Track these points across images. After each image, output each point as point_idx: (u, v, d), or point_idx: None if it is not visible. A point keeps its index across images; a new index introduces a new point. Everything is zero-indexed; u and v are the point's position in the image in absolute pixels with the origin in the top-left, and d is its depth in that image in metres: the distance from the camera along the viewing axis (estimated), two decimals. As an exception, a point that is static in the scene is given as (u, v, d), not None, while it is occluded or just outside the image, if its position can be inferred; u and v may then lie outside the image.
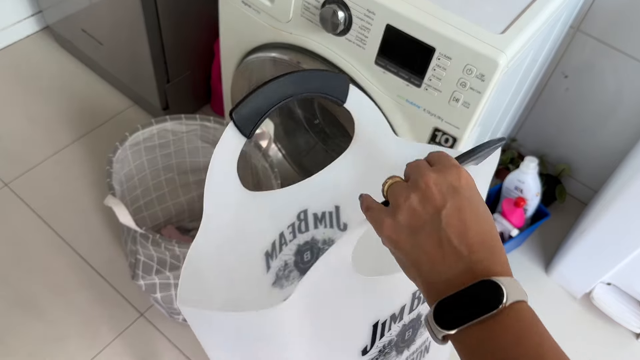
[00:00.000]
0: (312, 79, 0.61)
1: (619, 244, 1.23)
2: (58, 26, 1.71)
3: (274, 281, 0.75)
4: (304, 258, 0.78)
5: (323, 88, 0.63)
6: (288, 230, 0.75)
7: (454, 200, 0.41)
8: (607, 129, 1.43)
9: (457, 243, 0.40)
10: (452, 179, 0.42)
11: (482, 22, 0.82)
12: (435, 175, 0.43)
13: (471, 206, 0.42)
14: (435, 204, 0.41)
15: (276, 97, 0.60)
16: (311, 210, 0.76)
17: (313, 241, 0.79)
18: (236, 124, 0.62)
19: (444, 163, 0.44)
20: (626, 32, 1.25)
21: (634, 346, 1.35)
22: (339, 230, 0.78)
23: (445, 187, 0.42)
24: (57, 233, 1.37)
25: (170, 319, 1.24)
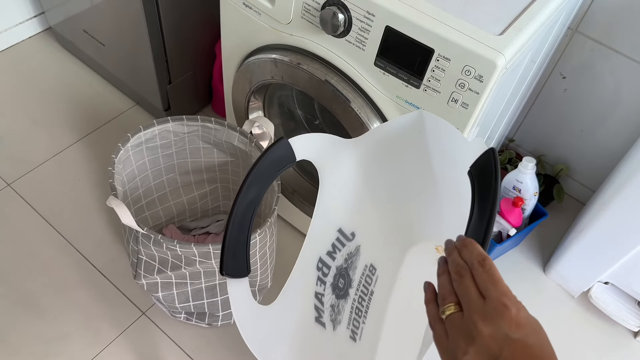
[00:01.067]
0: (259, 178, 0.66)
1: (617, 243, 1.23)
2: (60, 27, 1.72)
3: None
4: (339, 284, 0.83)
5: (275, 172, 0.67)
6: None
7: (507, 349, 0.44)
8: (605, 130, 1.44)
9: None
10: (505, 327, 0.44)
11: (480, 24, 0.83)
12: (488, 328, 0.45)
13: (523, 344, 0.44)
14: (491, 355, 0.44)
15: (243, 229, 0.64)
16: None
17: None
18: (233, 275, 0.64)
19: (493, 297, 0.45)
20: (624, 33, 1.26)
21: (632, 345, 1.36)
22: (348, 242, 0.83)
23: (500, 338, 0.44)
24: (59, 233, 1.38)
25: (171, 317, 1.25)
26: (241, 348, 1.25)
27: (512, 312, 0.45)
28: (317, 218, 0.79)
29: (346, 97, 0.96)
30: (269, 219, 1.02)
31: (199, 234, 1.40)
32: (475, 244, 0.49)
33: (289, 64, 1.00)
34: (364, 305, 0.85)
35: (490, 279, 0.46)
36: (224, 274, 0.63)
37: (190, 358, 1.22)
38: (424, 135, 0.78)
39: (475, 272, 0.47)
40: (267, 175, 0.66)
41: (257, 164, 0.65)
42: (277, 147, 0.67)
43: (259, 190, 0.66)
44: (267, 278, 1.17)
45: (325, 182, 0.78)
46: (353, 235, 0.84)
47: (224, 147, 1.21)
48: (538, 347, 0.45)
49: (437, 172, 0.82)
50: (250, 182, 0.64)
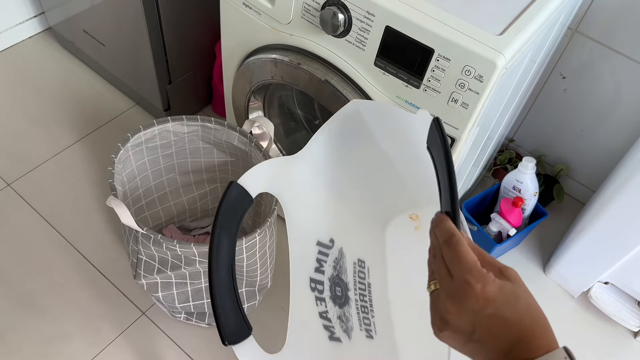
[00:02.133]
0: (225, 230, 0.65)
1: (617, 243, 1.23)
2: (60, 27, 1.72)
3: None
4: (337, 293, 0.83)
5: (236, 219, 0.67)
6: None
7: (480, 326, 0.44)
8: (605, 130, 1.44)
9: (495, 356, 0.44)
10: (472, 305, 0.44)
11: (480, 24, 0.83)
12: (455, 308, 0.45)
13: (497, 319, 0.44)
14: (466, 333, 0.45)
15: (228, 289, 0.63)
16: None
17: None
18: (237, 341, 0.64)
19: (457, 276, 0.45)
20: (624, 33, 1.26)
21: (632, 345, 1.36)
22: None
23: (470, 316, 0.44)
24: (59, 233, 1.38)
25: (171, 317, 1.25)
26: (241, 348, 1.24)
27: (477, 288, 0.44)
28: (293, 241, 0.78)
29: (346, 97, 0.96)
30: (269, 219, 1.02)
31: (199, 234, 1.40)
32: (444, 221, 0.48)
33: (289, 64, 1.00)
34: (366, 300, 0.85)
35: (455, 256, 0.46)
36: (227, 344, 0.62)
37: (190, 358, 1.22)
38: (364, 123, 0.78)
39: (444, 252, 0.47)
40: (231, 226, 0.65)
41: (217, 218, 0.64)
42: (230, 193, 0.66)
43: (229, 243, 0.65)
44: (267, 278, 1.17)
45: (288, 204, 0.78)
46: (332, 241, 0.84)
47: (224, 147, 1.21)
48: (515, 319, 0.44)
49: (389, 152, 0.82)
50: (218, 239, 0.63)
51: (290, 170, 0.78)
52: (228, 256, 0.64)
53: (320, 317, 0.78)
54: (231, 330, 0.62)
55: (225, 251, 0.64)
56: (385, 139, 0.81)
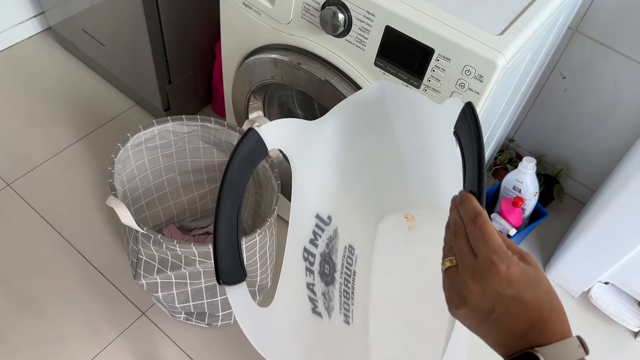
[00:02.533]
0: (236, 177, 0.65)
1: (617, 243, 1.23)
2: (60, 27, 1.72)
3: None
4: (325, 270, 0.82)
5: (250, 165, 0.67)
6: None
7: (500, 306, 0.45)
8: (605, 130, 1.44)
9: (509, 337, 0.45)
10: (495, 284, 0.44)
11: (480, 24, 0.83)
12: (477, 286, 0.45)
13: (518, 300, 0.44)
14: (485, 312, 0.45)
15: (232, 229, 0.64)
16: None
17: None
18: (232, 283, 0.64)
19: (483, 255, 0.45)
20: (624, 33, 1.26)
21: (632, 345, 1.36)
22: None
23: (491, 295, 0.45)
24: (59, 233, 1.38)
25: (171, 317, 1.25)
26: (241, 348, 1.25)
27: (501, 268, 0.44)
28: (295, 207, 0.78)
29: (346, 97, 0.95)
30: (269, 219, 1.02)
31: (198, 234, 1.40)
32: (470, 200, 0.49)
33: (289, 64, 1.00)
34: (349, 287, 0.85)
35: (481, 236, 0.46)
36: (222, 282, 0.62)
37: (190, 358, 1.22)
38: (386, 106, 0.77)
39: (468, 230, 0.47)
40: (243, 172, 0.66)
41: (231, 161, 0.64)
42: (248, 139, 0.66)
43: (239, 188, 0.65)
44: (267, 278, 1.17)
45: (297, 168, 0.77)
46: (330, 218, 0.84)
47: (224, 147, 1.21)
48: (534, 302, 0.44)
49: (401, 142, 0.82)
50: (228, 182, 0.64)
51: (306, 135, 0.77)
52: (236, 200, 0.64)
53: (307, 287, 0.78)
54: (227, 270, 0.63)
55: (235, 194, 0.64)
56: (401, 129, 0.80)
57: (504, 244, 0.46)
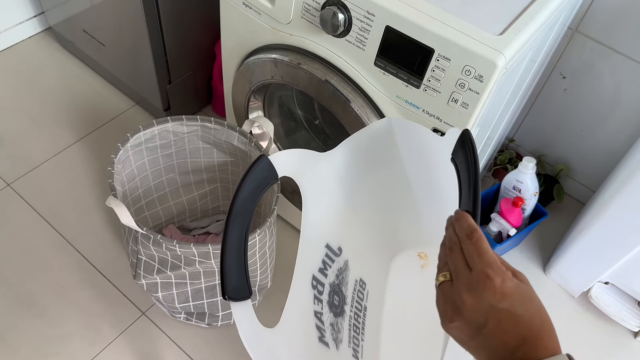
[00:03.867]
0: (247, 197, 0.67)
1: (617, 243, 1.23)
2: (60, 27, 1.72)
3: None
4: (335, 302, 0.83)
5: (259, 191, 0.69)
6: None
7: (493, 319, 0.45)
8: (605, 130, 1.44)
9: (500, 352, 0.45)
10: (489, 297, 0.45)
11: (480, 24, 0.83)
12: (472, 299, 0.46)
13: (510, 314, 0.45)
14: (477, 325, 0.46)
15: (239, 246, 0.65)
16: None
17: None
18: (236, 299, 0.65)
19: (478, 269, 0.47)
20: (624, 33, 1.26)
21: (632, 345, 1.36)
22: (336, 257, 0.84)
23: (485, 308, 0.46)
24: (59, 233, 1.38)
25: (171, 317, 1.25)
26: (241, 348, 1.24)
27: (496, 282, 0.45)
28: (305, 234, 0.79)
29: (346, 97, 0.96)
30: (269, 219, 1.02)
31: (198, 234, 1.40)
32: (465, 217, 0.50)
33: (289, 64, 1.00)
34: (360, 322, 0.85)
35: (476, 250, 0.47)
36: (227, 298, 0.63)
37: (190, 358, 1.22)
38: (394, 141, 0.79)
39: (464, 245, 0.48)
40: (253, 195, 0.68)
41: (242, 184, 0.66)
42: (258, 165, 0.68)
43: (248, 209, 0.67)
44: (267, 278, 1.17)
45: (307, 197, 0.78)
46: (340, 250, 0.84)
47: (224, 147, 1.21)
48: (527, 316, 0.45)
49: (411, 177, 0.82)
50: (239, 202, 0.66)
51: (317, 165, 0.78)
52: (245, 220, 0.66)
53: (315, 315, 0.78)
54: (233, 286, 0.64)
55: (243, 216, 0.66)
56: (411, 165, 0.80)
57: (498, 260, 0.47)
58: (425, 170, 0.77)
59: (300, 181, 0.76)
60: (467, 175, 0.57)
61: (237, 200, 0.65)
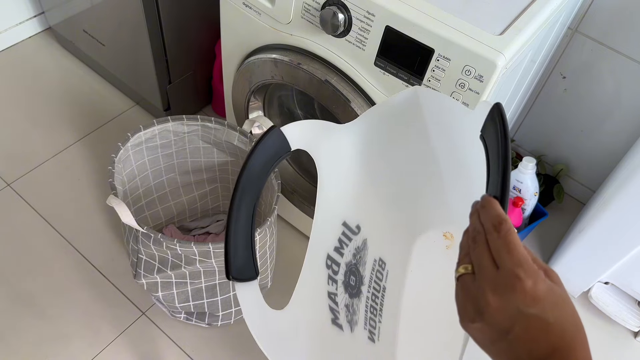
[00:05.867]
0: (256, 171, 0.60)
1: (617, 243, 1.23)
2: (60, 27, 1.72)
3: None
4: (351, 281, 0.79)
5: (270, 164, 0.62)
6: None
7: (520, 326, 0.40)
8: (605, 130, 1.44)
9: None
10: (518, 301, 0.40)
11: (480, 24, 0.83)
12: (498, 301, 0.40)
13: (540, 321, 0.40)
14: (501, 330, 0.41)
15: (246, 224, 0.60)
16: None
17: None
18: (241, 279, 0.60)
19: (507, 267, 0.41)
20: (624, 34, 1.26)
21: (632, 345, 1.36)
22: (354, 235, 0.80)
23: (512, 312, 0.40)
24: (59, 232, 1.38)
25: (171, 317, 1.25)
26: (241, 348, 1.25)
27: (527, 284, 0.40)
28: (320, 212, 0.73)
29: (346, 97, 0.96)
30: (269, 219, 1.02)
31: (199, 234, 1.40)
32: (493, 205, 0.44)
33: (289, 64, 1.00)
34: (377, 302, 0.80)
35: (505, 246, 0.41)
36: (231, 278, 0.58)
37: (190, 358, 1.22)
38: (421, 113, 0.73)
39: (490, 238, 0.42)
40: (263, 169, 0.62)
41: (251, 157, 0.60)
42: (270, 137, 0.61)
43: (257, 184, 0.61)
44: (267, 278, 1.17)
45: (323, 172, 0.72)
46: (358, 228, 0.79)
47: (224, 147, 1.21)
48: (558, 324, 0.40)
49: (437, 153, 0.77)
50: (247, 176, 0.60)
51: (333, 138, 0.72)
52: (254, 195, 0.60)
53: (329, 297, 0.73)
54: (238, 266, 0.59)
55: (252, 191, 0.60)
56: (437, 139, 0.75)
57: (530, 257, 0.42)
58: (453, 145, 0.72)
59: (316, 155, 0.71)
60: (497, 155, 0.51)
61: (245, 172, 0.59)
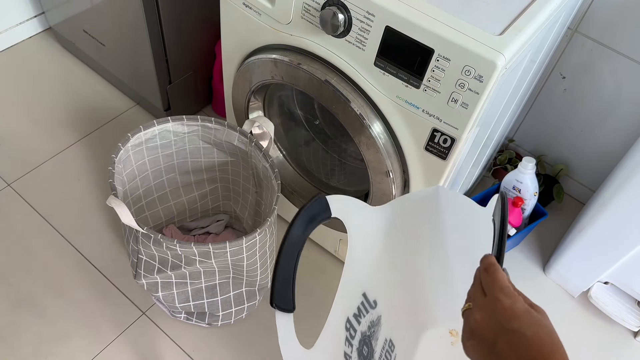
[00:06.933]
0: (303, 226, 0.74)
1: (617, 243, 1.24)
2: (60, 27, 1.72)
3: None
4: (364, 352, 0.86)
5: (313, 224, 0.76)
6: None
7: (503, 339, 0.48)
8: (604, 130, 1.45)
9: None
10: (499, 317, 0.50)
11: (480, 24, 0.83)
12: (483, 318, 0.51)
13: (520, 335, 0.48)
14: (489, 343, 0.49)
15: (290, 265, 0.72)
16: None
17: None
18: (282, 309, 0.71)
19: (491, 293, 0.52)
20: (624, 34, 1.26)
21: (632, 345, 1.36)
22: (372, 309, 0.87)
23: (495, 326, 0.50)
24: (59, 232, 1.38)
25: (171, 317, 1.25)
26: (241, 348, 1.25)
27: (506, 303, 0.49)
28: (346, 275, 0.82)
29: (346, 97, 0.96)
30: (269, 218, 1.02)
31: (199, 234, 1.40)
32: (488, 257, 0.56)
33: (289, 64, 1.00)
34: None
35: (491, 280, 0.53)
36: (274, 305, 0.70)
37: (190, 358, 1.22)
38: (440, 212, 0.82)
39: (482, 277, 0.54)
40: (307, 225, 0.75)
41: (299, 214, 0.74)
42: (316, 201, 0.76)
43: (302, 237, 0.74)
44: (267, 278, 1.17)
45: (353, 243, 0.82)
46: (375, 303, 0.87)
47: (224, 147, 1.21)
48: (536, 339, 0.47)
49: (450, 251, 0.85)
50: (295, 227, 0.73)
51: (366, 216, 0.83)
52: (298, 244, 0.73)
53: (345, 356, 0.80)
54: (280, 297, 0.70)
55: (297, 236, 0.73)
56: (452, 238, 0.83)
57: (511, 286, 0.52)
58: (466, 245, 0.80)
59: (349, 225, 0.81)
60: (500, 228, 0.65)
61: (292, 230, 0.72)
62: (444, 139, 0.91)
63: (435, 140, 0.92)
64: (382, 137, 0.97)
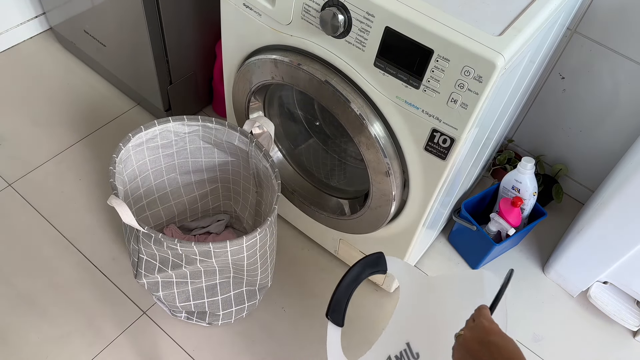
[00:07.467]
0: (365, 269, 0.97)
1: (616, 243, 1.24)
2: (61, 28, 1.72)
3: None
4: None
5: (372, 269, 0.99)
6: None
7: (485, 348, 0.70)
8: (604, 130, 1.45)
9: None
10: (481, 333, 0.72)
11: (480, 24, 0.83)
12: (470, 335, 0.73)
13: (495, 345, 0.70)
14: (474, 352, 0.71)
15: (347, 291, 0.94)
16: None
17: None
18: (334, 322, 0.93)
19: (476, 319, 0.76)
20: (623, 34, 1.27)
21: (631, 344, 1.36)
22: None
23: (479, 340, 0.71)
24: (60, 232, 1.38)
25: (172, 317, 1.26)
26: (241, 347, 1.25)
27: (487, 325, 0.73)
28: (393, 322, 1.01)
29: (346, 98, 0.96)
30: (269, 218, 1.03)
31: (199, 233, 1.40)
32: (483, 307, 0.78)
33: (289, 64, 1.00)
34: None
35: (479, 313, 0.77)
36: (328, 317, 0.89)
37: (190, 357, 1.23)
38: (483, 292, 0.95)
39: (474, 313, 0.78)
40: (364, 269, 0.98)
41: (360, 262, 0.97)
42: (377, 255, 0.99)
43: (361, 276, 0.96)
44: (267, 277, 1.17)
45: (403, 298, 1.02)
46: (417, 355, 1.00)
47: (225, 147, 1.21)
48: (509, 347, 0.69)
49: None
50: (354, 271, 0.96)
51: (419, 283, 1.04)
52: (356, 279, 0.96)
53: None
54: (335, 311, 0.89)
55: (357, 279, 0.96)
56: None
57: (491, 318, 0.76)
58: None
59: (401, 283, 1.02)
60: (498, 292, 0.83)
61: (352, 270, 0.95)
62: (443, 139, 0.91)
63: (434, 140, 0.92)
64: (382, 137, 0.98)
